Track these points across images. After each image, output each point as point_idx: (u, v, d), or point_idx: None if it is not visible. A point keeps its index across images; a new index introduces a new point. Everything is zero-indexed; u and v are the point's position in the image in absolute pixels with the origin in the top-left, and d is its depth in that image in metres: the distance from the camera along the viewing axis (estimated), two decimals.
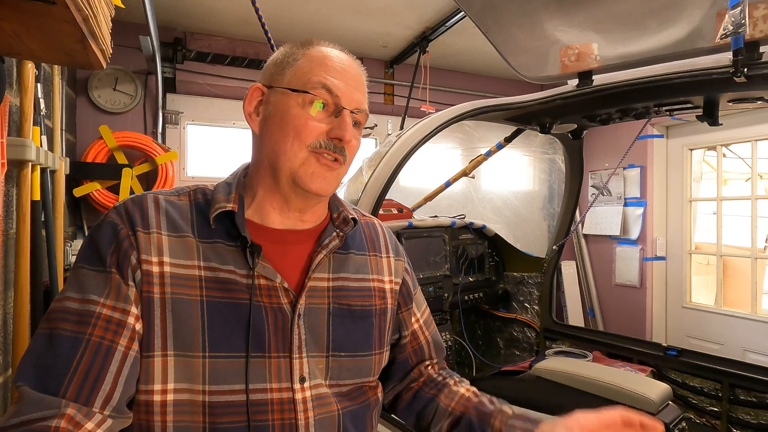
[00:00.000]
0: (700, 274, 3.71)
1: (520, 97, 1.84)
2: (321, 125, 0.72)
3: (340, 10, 2.97)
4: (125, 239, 0.67)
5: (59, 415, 0.58)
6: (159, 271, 0.67)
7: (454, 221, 2.43)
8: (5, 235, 1.41)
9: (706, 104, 1.61)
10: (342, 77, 0.74)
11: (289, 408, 0.68)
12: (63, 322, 0.63)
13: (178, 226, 0.70)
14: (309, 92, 0.72)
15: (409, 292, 0.90)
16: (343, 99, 0.73)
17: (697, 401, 1.91)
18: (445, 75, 4.07)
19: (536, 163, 4.41)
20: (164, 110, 3.19)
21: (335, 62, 0.75)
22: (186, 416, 0.65)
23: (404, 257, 0.91)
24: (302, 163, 0.72)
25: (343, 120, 0.72)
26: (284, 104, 0.73)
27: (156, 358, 0.65)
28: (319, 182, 0.72)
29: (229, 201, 0.72)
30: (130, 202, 0.71)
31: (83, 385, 0.60)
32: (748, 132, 3.13)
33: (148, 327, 0.65)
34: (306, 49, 0.76)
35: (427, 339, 0.92)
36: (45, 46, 0.96)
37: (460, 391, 0.87)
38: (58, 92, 2.03)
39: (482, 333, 2.70)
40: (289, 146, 0.71)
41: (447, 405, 0.85)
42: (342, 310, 0.76)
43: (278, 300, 0.71)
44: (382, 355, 0.82)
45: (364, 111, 0.77)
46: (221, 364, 0.66)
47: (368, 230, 0.88)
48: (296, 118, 0.72)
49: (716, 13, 1.32)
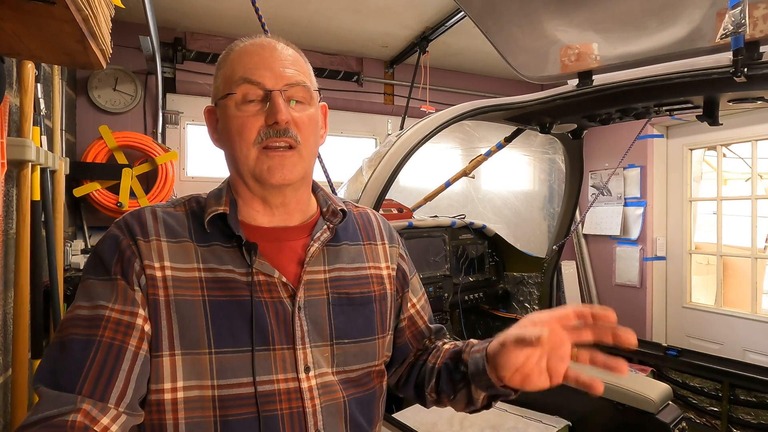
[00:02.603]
0: (700, 274, 3.71)
1: (520, 97, 1.84)
2: (258, 118, 0.72)
3: (340, 10, 2.97)
4: (127, 248, 0.70)
5: (75, 410, 0.60)
6: (162, 275, 0.69)
7: (454, 221, 2.43)
8: (5, 235, 1.41)
9: (706, 104, 1.61)
10: (261, 62, 0.73)
11: (296, 397, 0.70)
12: (74, 328, 0.66)
13: (176, 233, 0.73)
14: (233, 92, 0.73)
15: (405, 277, 0.91)
16: (267, 82, 0.72)
17: (697, 401, 1.91)
18: (445, 75, 4.07)
19: (536, 163, 4.40)
20: (164, 110, 3.19)
21: (251, 50, 0.75)
22: (197, 412, 0.67)
23: (399, 243, 0.93)
24: (256, 162, 0.73)
25: (274, 102, 0.71)
26: (224, 113, 0.75)
27: (164, 358, 0.67)
28: (279, 172, 0.73)
29: (221, 205, 0.75)
30: (129, 216, 0.74)
31: (98, 383, 0.63)
32: (748, 132, 3.13)
33: (156, 328, 0.68)
34: (227, 56, 0.77)
35: (427, 324, 0.94)
36: (45, 46, 0.96)
37: (444, 347, 0.89)
38: (58, 92, 2.03)
39: (482, 333, 2.70)
40: (239, 150, 0.73)
41: (433, 363, 0.87)
42: (341, 299, 0.78)
43: (278, 294, 0.73)
44: (385, 339, 0.84)
45: (299, 83, 0.74)
46: (228, 359, 0.68)
47: (362, 220, 0.89)
48: (234, 120, 0.73)
49: (716, 13, 1.32)
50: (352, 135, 3.88)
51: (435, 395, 0.86)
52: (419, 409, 1.84)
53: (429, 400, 0.88)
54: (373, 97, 3.84)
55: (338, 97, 3.67)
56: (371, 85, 3.83)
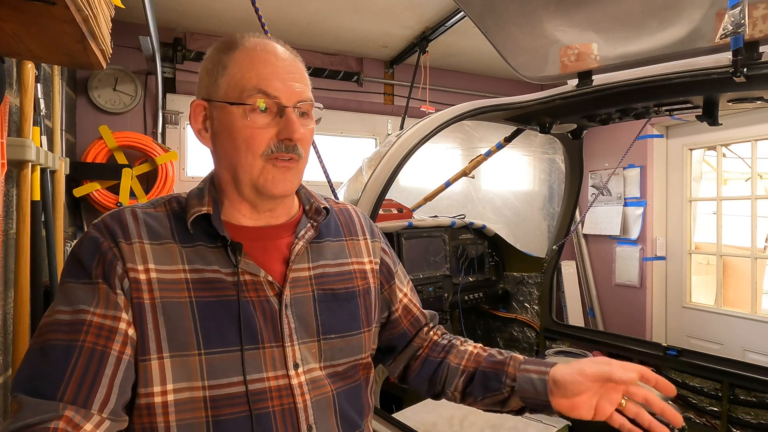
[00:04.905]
0: (700, 274, 3.71)
1: (520, 97, 1.84)
2: (268, 131, 0.72)
3: (339, 10, 2.97)
4: (108, 251, 0.68)
5: (58, 417, 0.59)
6: (146, 278, 0.68)
7: (454, 221, 2.43)
8: (5, 235, 1.41)
9: (706, 104, 1.61)
10: (276, 74, 0.72)
11: (287, 394, 0.71)
12: (54, 333, 0.64)
13: (158, 234, 0.72)
14: (246, 103, 0.71)
15: (389, 270, 0.92)
16: (283, 97, 0.72)
17: (697, 401, 1.91)
18: (445, 75, 4.07)
19: (536, 163, 4.40)
20: (164, 110, 3.19)
21: (265, 60, 0.73)
22: (188, 413, 0.67)
23: (380, 238, 0.94)
24: (260, 173, 0.73)
25: (288, 119, 0.72)
26: (227, 119, 0.73)
27: (153, 361, 0.66)
28: (281, 185, 0.74)
29: (204, 205, 0.74)
30: (108, 217, 0.73)
31: (80, 389, 0.62)
32: (748, 132, 3.13)
33: (142, 332, 0.67)
34: (232, 53, 0.74)
35: (420, 309, 0.96)
36: (45, 46, 0.96)
37: (468, 349, 0.90)
38: (58, 92, 2.03)
39: (482, 333, 2.70)
40: (244, 159, 0.72)
41: (458, 364, 0.88)
42: (326, 295, 0.79)
43: (265, 293, 0.73)
44: (371, 332, 0.85)
45: (307, 100, 0.75)
46: (217, 359, 0.68)
47: (343, 216, 0.90)
48: (243, 130, 0.72)
49: (716, 13, 1.32)
50: (351, 135, 3.88)
51: (459, 394, 0.88)
52: (419, 409, 1.84)
53: (449, 397, 0.90)
54: (373, 97, 3.84)
55: (338, 97, 3.67)
56: (371, 85, 3.83)
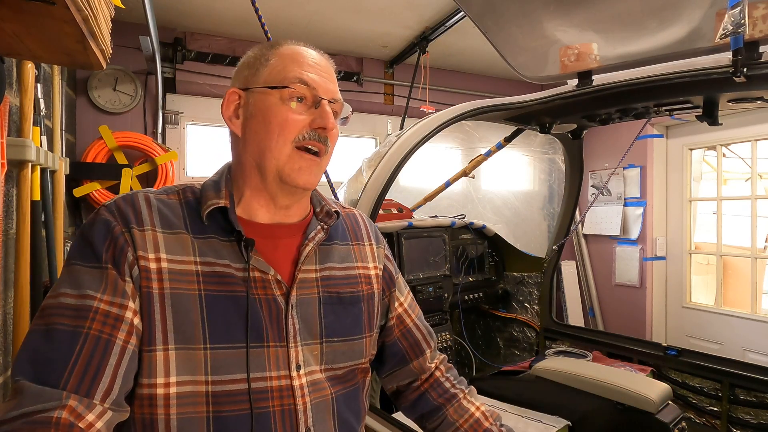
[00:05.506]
0: (700, 273, 3.71)
1: (520, 97, 1.84)
2: (303, 117, 0.75)
3: (339, 11, 2.97)
4: (120, 236, 0.67)
5: (60, 406, 0.58)
6: (157, 267, 0.68)
7: (454, 221, 2.43)
8: (5, 235, 1.41)
9: (706, 104, 1.61)
10: (315, 70, 0.77)
11: (288, 394, 0.71)
12: (60, 317, 0.63)
13: (171, 223, 0.71)
14: (288, 87, 0.74)
15: (391, 277, 0.93)
16: (320, 90, 0.76)
17: (697, 401, 1.91)
18: (445, 75, 4.07)
19: (536, 163, 4.40)
20: (164, 110, 3.19)
21: (307, 57, 0.78)
22: (189, 408, 0.66)
23: (384, 244, 0.95)
24: (288, 160, 0.74)
25: (324, 109, 0.75)
26: (264, 103, 0.75)
27: (158, 352, 0.66)
28: (306, 176, 0.75)
29: (221, 197, 0.74)
30: (121, 200, 0.72)
31: (83, 378, 0.61)
32: (748, 132, 3.13)
33: (149, 322, 0.66)
34: (276, 49, 0.78)
35: (415, 322, 0.95)
36: (45, 46, 0.96)
37: (470, 410, 0.91)
38: (58, 92, 2.03)
39: (482, 333, 2.70)
40: (275, 143, 0.73)
41: (455, 420, 0.89)
42: (332, 298, 0.79)
43: (272, 292, 0.73)
44: (371, 338, 0.85)
45: (339, 101, 0.79)
46: (222, 354, 0.68)
47: (349, 221, 0.91)
48: (278, 114, 0.74)
49: (716, 13, 1.32)
50: (352, 135, 3.88)
51: None
52: None
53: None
54: (373, 97, 3.84)
55: None
56: (371, 85, 3.83)
